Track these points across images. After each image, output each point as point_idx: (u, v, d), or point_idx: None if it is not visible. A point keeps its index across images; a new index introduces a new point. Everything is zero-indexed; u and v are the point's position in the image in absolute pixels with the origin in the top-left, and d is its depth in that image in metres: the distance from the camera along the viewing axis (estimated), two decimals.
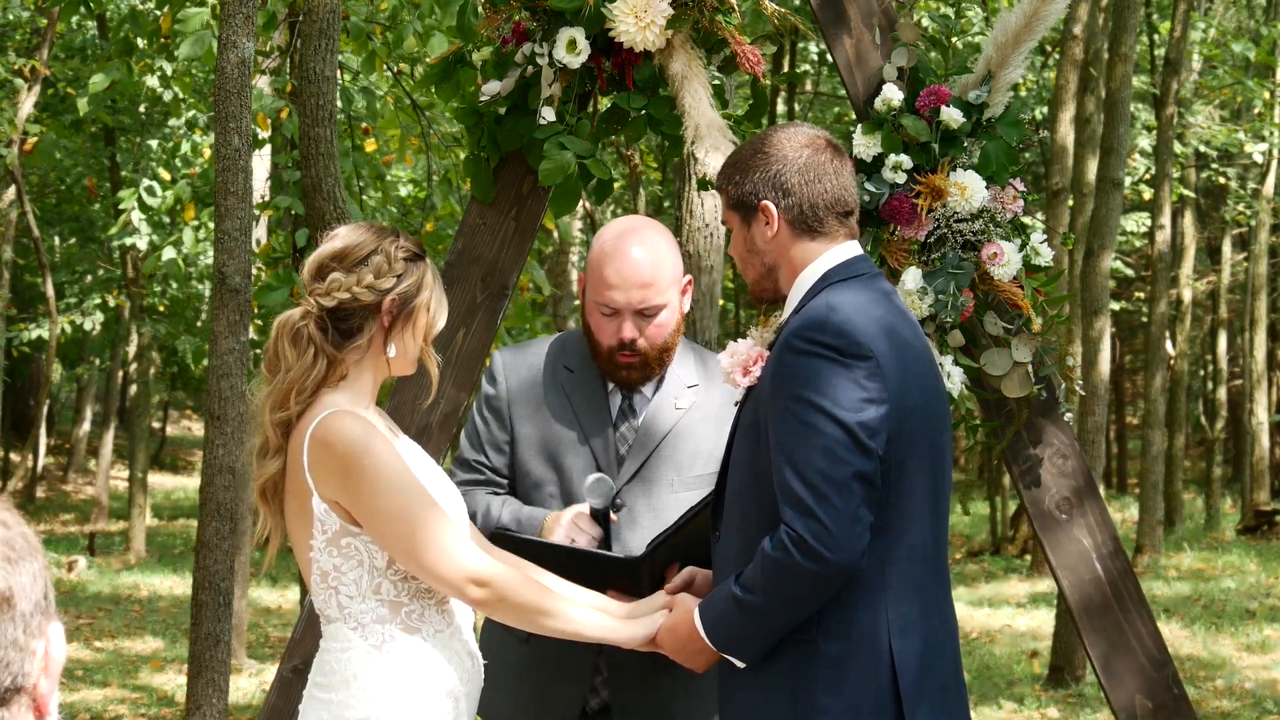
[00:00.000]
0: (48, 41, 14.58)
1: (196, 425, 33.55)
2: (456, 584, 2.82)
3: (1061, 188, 11.74)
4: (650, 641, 2.99)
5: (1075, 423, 4.34)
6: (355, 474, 2.77)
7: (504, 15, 4.11)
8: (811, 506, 2.71)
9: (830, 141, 3.02)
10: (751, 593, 2.78)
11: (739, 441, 2.97)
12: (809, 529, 2.71)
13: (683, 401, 3.47)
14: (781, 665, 2.84)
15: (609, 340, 3.39)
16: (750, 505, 2.90)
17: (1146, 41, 17.42)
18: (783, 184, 2.94)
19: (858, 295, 2.88)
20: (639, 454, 3.42)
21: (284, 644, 9.55)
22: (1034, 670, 10.15)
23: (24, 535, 1.53)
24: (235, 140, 5.17)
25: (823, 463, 2.72)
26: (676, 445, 3.42)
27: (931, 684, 2.85)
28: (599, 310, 3.39)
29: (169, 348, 19.36)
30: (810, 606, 2.78)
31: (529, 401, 3.46)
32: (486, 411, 3.49)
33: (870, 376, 2.77)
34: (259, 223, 9.65)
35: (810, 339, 2.79)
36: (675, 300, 3.43)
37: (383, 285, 2.86)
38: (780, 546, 2.74)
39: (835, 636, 2.81)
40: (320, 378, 2.85)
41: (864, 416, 2.75)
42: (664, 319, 3.40)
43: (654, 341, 3.39)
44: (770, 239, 2.97)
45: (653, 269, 3.37)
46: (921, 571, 2.87)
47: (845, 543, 2.71)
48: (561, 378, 3.47)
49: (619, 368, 3.40)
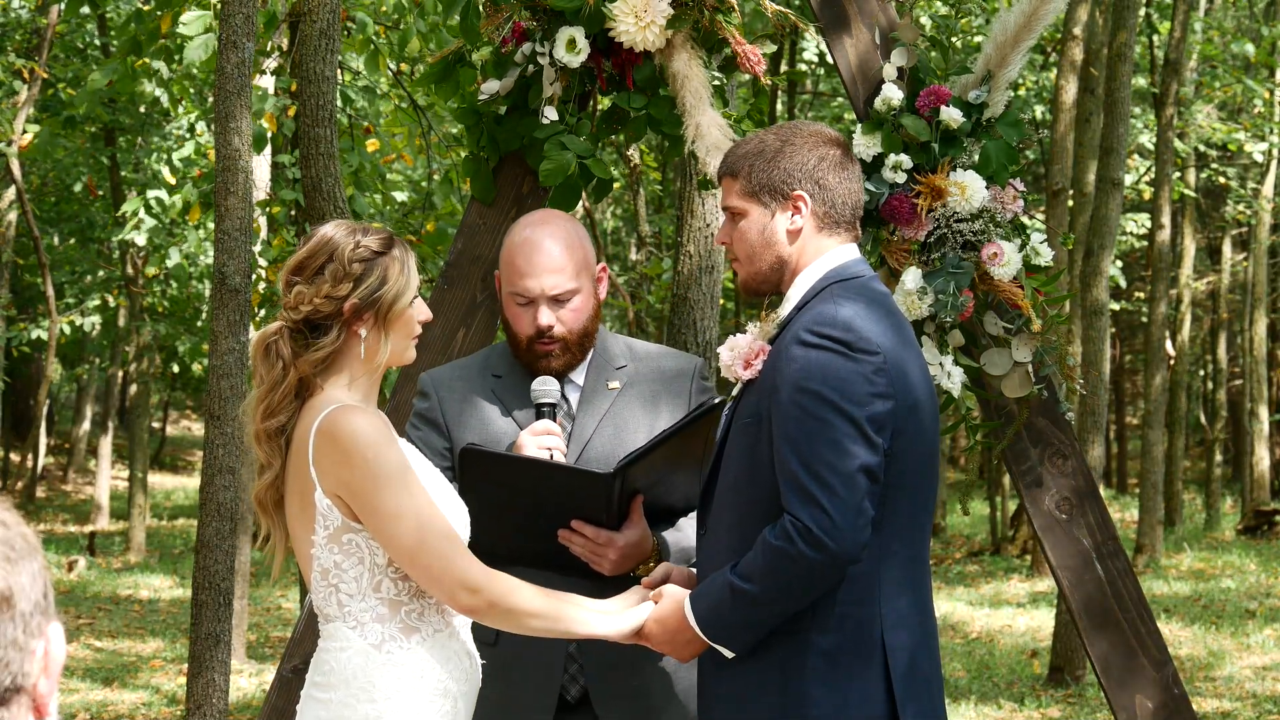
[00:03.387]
0: (48, 42, 14.58)
1: (196, 425, 33.55)
2: (448, 589, 2.82)
3: (1061, 188, 11.73)
4: (636, 634, 2.99)
5: (1075, 423, 4.34)
6: (359, 468, 2.78)
7: (504, 15, 4.11)
8: (817, 497, 2.74)
9: (845, 144, 3.07)
10: (750, 581, 2.80)
11: (735, 437, 2.98)
12: (814, 519, 2.74)
13: (615, 382, 3.51)
14: (773, 657, 2.86)
15: (527, 330, 3.44)
16: (746, 497, 2.91)
17: (1146, 41, 17.42)
18: (820, 177, 2.97)
19: (862, 295, 2.92)
20: (579, 438, 3.46)
21: (284, 644, 9.55)
22: (1034, 670, 10.15)
23: (24, 535, 1.53)
24: (235, 140, 5.17)
25: (830, 454, 2.75)
26: (613, 424, 3.46)
27: (919, 677, 2.89)
28: (514, 301, 3.45)
29: (169, 348, 19.35)
30: (807, 597, 2.81)
31: (462, 410, 3.51)
32: (421, 425, 3.53)
33: (877, 372, 2.81)
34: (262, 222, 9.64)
35: (820, 333, 2.82)
36: (588, 286, 3.47)
37: (340, 292, 2.86)
38: (784, 535, 2.76)
39: (828, 629, 2.83)
40: (292, 389, 2.86)
41: (871, 410, 2.79)
42: (578, 304, 3.44)
43: (571, 327, 3.44)
44: (793, 230, 2.98)
45: (563, 255, 3.42)
46: (911, 566, 2.91)
47: (849, 534, 2.75)
48: (491, 384, 3.52)
49: (539, 356, 3.44)
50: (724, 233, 3.08)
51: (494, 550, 3.33)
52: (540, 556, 3.31)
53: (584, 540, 3.26)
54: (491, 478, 3.23)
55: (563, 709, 3.40)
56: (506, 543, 3.32)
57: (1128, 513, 20.26)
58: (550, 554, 3.29)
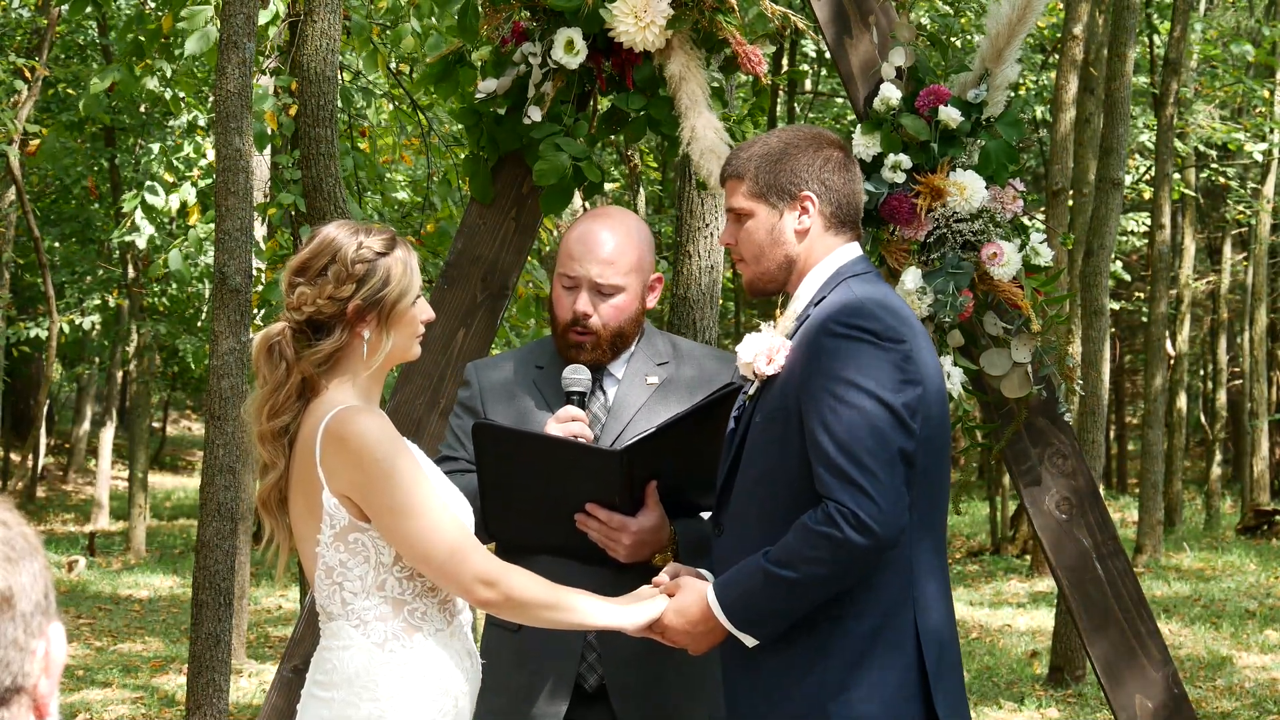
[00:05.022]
0: (48, 42, 14.58)
1: (196, 425, 33.55)
2: (465, 584, 2.83)
3: (1061, 188, 11.73)
4: (650, 626, 3.00)
5: (1075, 422, 4.34)
6: (370, 469, 2.78)
7: (504, 15, 4.11)
8: (861, 483, 2.78)
9: (845, 145, 3.12)
10: (788, 567, 2.82)
11: (757, 433, 2.99)
12: (860, 504, 2.77)
13: (653, 377, 3.50)
14: (809, 643, 2.88)
15: (565, 314, 3.44)
16: (772, 492, 2.93)
17: (1146, 42, 17.42)
18: (825, 178, 3.03)
19: (876, 288, 2.97)
20: (613, 430, 3.45)
21: (284, 644, 9.55)
22: (1034, 670, 10.15)
23: (24, 535, 1.53)
24: (235, 140, 5.18)
25: (870, 440, 2.79)
26: (650, 419, 3.44)
27: (948, 661, 2.93)
28: (561, 283, 3.45)
29: (169, 348, 19.35)
30: (846, 583, 2.84)
31: (502, 399, 3.52)
32: (463, 413, 3.55)
33: (906, 360, 2.86)
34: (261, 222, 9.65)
35: (848, 324, 2.86)
36: (635, 288, 3.45)
37: (343, 293, 2.86)
38: (828, 520, 2.78)
39: (865, 614, 2.86)
40: (295, 390, 2.86)
41: (905, 397, 2.84)
42: (621, 302, 3.43)
43: (607, 322, 3.43)
44: (801, 230, 3.03)
45: (616, 249, 3.41)
46: (935, 553, 2.96)
47: (893, 518, 2.79)
48: (533, 375, 3.53)
49: (570, 345, 3.44)
50: (728, 233, 3.11)
51: (513, 540, 3.35)
52: (559, 544, 3.31)
53: (599, 524, 3.26)
54: (504, 454, 3.23)
55: (580, 699, 3.41)
56: (525, 529, 3.34)
57: (1128, 513, 20.26)
58: (569, 541, 3.29)
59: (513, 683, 3.38)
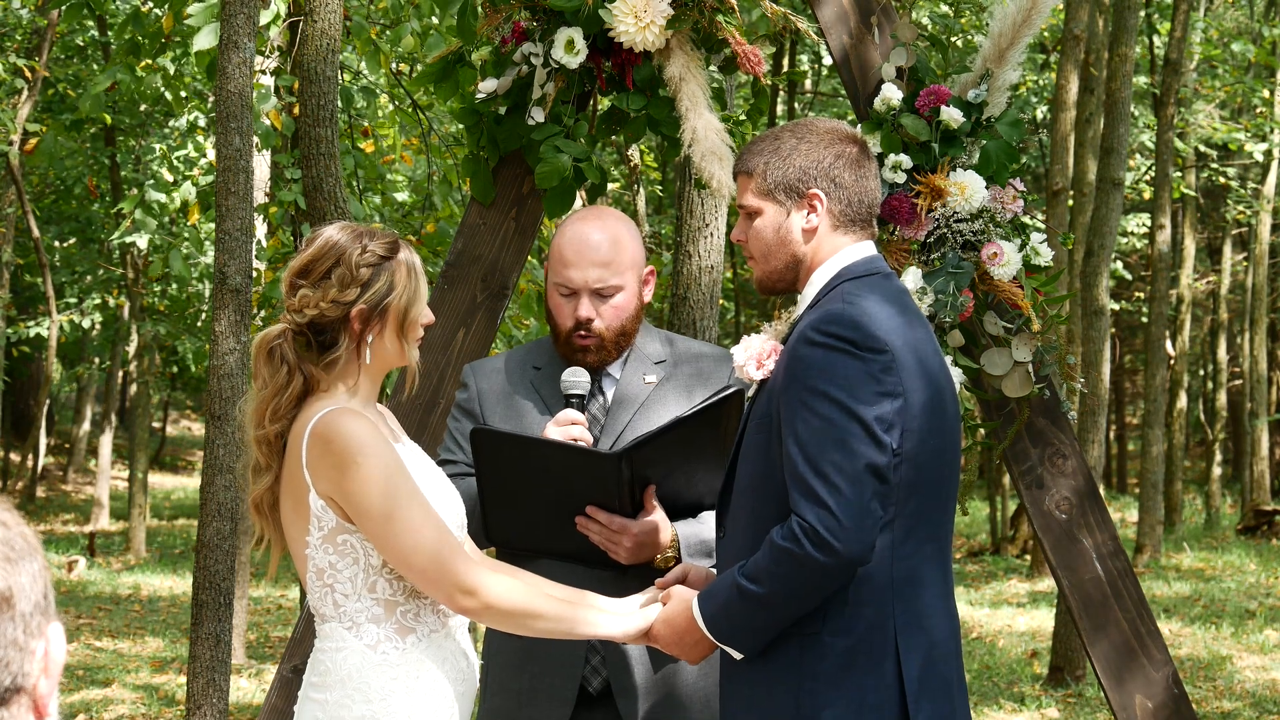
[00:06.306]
0: (48, 42, 14.58)
1: (196, 425, 33.55)
2: (445, 591, 2.81)
3: (1061, 188, 11.73)
4: (644, 635, 2.99)
5: (1075, 422, 4.34)
6: (350, 471, 2.77)
7: (504, 15, 4.11)
8: (824, 497, 2.71)
9: (862, 140, 3.04)
10: (757, 583, 2.77)
11: (750, 435, 2.96)
12: (820, 519, 2.71)
13: (651, 376, 3.50)
14: (786, 659, 2.83)
15: (566, 321, 3.43)
16: (761, 497, 2.89)
17: (1146, 41, 17.42)
18: (836, 175, 2.95)
19: (874, 291, 2.90)
20: (611, 431, 3.45)
21: (284, 644, 9.55)
22: (1034, 670, 10.15)
23: (24, 535, 1.52)
24: (236, 140, 5.17)
25: (836, 454, 2.72)
26: (649, 419, 3.44)
27: (934, 680, 2.85)
28: (558, 292, 3.44)
29: (169, 348, 19.35)
30: (815, 599, 2.78)
31: (499, 400, 3.51)
32: (460, 415, 3.55)
33: (885, 370, 2.78)
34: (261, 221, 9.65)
35: (826, 332, 2.80)
36: (633, 285, 3.45)
37: (347, 297, 2.85)
38: (790, 536, 2.73)
39: (841, 631, 2.80)
40: (297, 393, 2.85)
41: (879, 410, 2.75)
42: (621, 301, 3.43)
43: (610, 324, 3.42)
44: (809, 229, 2.96)
45: (610, 249, 3.41)
46: (929, 567, 2.87)
47: (856, 535, 2.71)
48: (530, 375, 3.53)
49: (574, 350, 3.44)
50: (739, 230, 3.06)
51: (515, 544, 3.34)
52: (561, 548, 3.31)
53: (599, 527, 3.25)
54: (503, 459, 3.23)
55: (584, 701, 3.40)
56: (526, 533, 3.33)
57: (1128, 513, 20.26)
58: (570, 545, 3.29)
59: (516, 685, 3.38)
